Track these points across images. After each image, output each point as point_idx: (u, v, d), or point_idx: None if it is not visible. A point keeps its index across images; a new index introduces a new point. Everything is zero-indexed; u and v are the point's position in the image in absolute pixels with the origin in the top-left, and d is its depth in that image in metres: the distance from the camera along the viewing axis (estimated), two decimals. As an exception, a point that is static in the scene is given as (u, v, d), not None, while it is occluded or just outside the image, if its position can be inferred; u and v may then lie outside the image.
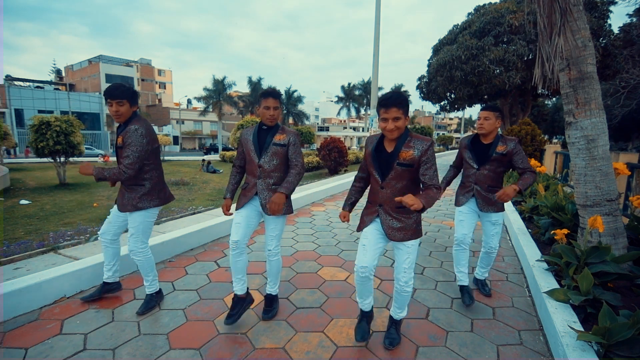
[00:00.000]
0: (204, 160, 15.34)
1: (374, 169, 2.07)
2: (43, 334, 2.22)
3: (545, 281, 2.73)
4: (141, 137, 2.39)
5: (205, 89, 39.63)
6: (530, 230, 4.32)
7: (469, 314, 2.61)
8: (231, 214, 2.57)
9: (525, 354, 2.15)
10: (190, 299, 2.74)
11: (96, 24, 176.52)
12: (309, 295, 2.85)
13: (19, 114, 33.19)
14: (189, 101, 55.14)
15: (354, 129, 70.35)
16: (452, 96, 18.74)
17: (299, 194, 6.48)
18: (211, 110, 40.83)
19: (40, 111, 29.95)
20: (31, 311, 2.46)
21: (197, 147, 51.86)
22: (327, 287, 3.02)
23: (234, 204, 2.58)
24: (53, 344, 2.13)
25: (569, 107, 3.04)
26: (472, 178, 2.83)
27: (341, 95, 50.83)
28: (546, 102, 32.15)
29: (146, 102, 51.33)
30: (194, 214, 5.09)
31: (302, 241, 4.28)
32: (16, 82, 41.78)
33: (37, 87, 41.28)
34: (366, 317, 2.28)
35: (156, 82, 56.29)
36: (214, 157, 24.02)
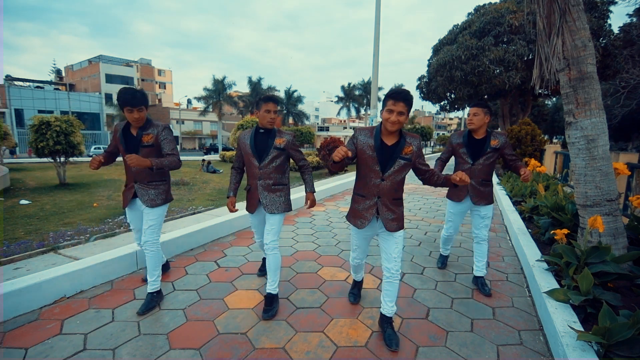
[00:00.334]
0: (204, 160, 15.35)
1: (374, 162, 2.12)
2: (43, 334, 2.22)
3: (545, 281, 2.74)
4: (172, 134, 2.69)
5: (205, 89, 39.61)
6: (530, 230, 4.32)
7: (469, 313, 2.61)
8: (237, 210, 2.81)
9: (525, 354, 2.15)
10: (190, 299, 2.74)
11: (96, 24, 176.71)
12: (309, 295, 2.85)
13: (19, 114, 33.22)
14: (189, 101, 55.17)
15: (354, 129, 70.25)
16: (452, 96, 18.71)
17: (299, 194, 6.47)
18: (211, 110, 40.82)
19: (40, 111, 29.96)
20: (31, 311, 2.46)
21: (197, 147, 51.88)
22: (327, 287, 3.02)
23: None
24: (53, 344, 2.13)
25: (569, 107, 3.04)
26: (466, 173, 2.86)
27: (341, 95, 50.78)
28: (546, 102, 32.13)
29: (146, 102, 51.22)
30: (194, 214, 5.09)
31: (302, 241, 4.28)
32: (16, 82, 41.79)
33: (37, 87, 41.32)
34: (357, 285, 2.79)
35: (156, 82, 56.28)
36: (214, 157, 24.04)
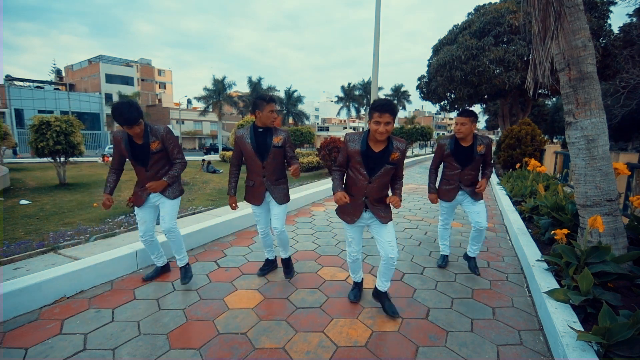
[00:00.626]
0: (203, 160, 15.34)
1: (361, 167, 2.35)
2: (43, 334, 2.22)
3: (545, 281, 2.74)
4: (173, 133, 2.85)
5: (205, 89, 39.61)
6: (530, 230, 4.32)
7: (469, 313, 2.61)
8: (237, 207, 3.04)
9: (525, 354, 2.15)
10: (190, 299, 2.74)
11: (96, 24, 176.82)
12: (309, 295, 2.85)
13: (19, 114, 33.22)
14: (189, 101, 55.07)
15: (354, 129, 70.31)
16: (452, 96, 18.71)
17: (299, 194, 6.48)
18: (211, 110, 40.81)
19: (40, 111, 29.97)
20: (31, 311, 2.46)
21: (197, 147, 51.85)
22: (327, 287, 3.02)
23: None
24: (53, 344, 2.13)
25: (569, 107, 3.04)
26: (456, 177, 3.21)
27: (341, 95, 50.76)
28: (546, 102, 32.14)
29: (146, 102, 51.25)
30: (194, 214, 5.09)
31: (302, 241, 4.28)
32: (16, 82, 41.77)
33: (37, 87, 41.32)
34: (358, 286, 2.83)
35: (156, 82, 56.28)
36: (214, 157, 24.03)
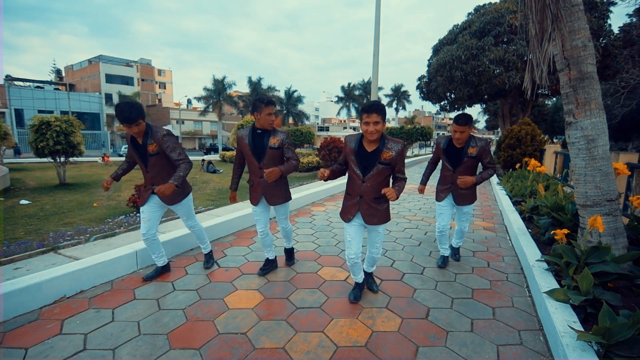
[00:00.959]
0: (203, 160, 15.33)
1: (355, 166, 2.41)
2: (43, 334, 2.22)
3: (545, 281, 2.74)
4: (173, 135, 2.89)
5: (205, 89, 39.63)
6: (530, 230, 4.32)
7: (469, 313, 2.61)
8: (237, 201, 3.30)
9: (525, 354, 2.15)
10: (190, 299, 2.74)
11: (96, 24, 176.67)
12: (309, 295, 2.85)
13: (19, 114, 33.20)
14: (189, 101, 55.06)
15: (354, 129, 70.31)
16: (452, 96, 18.72)
17: (299, 194, 6.48)
18: (211, 110, 40.82)
19: (40, 111, 29.97)
20: (31, 311, 2.46)
21: (197, 147, 51.82)
22: (327, 287, 3.02)
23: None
24: (53, 344, 2.13)
25: (569, 107, 3.04)
26: (449, 178, 3.32)
27: (341, 95, 50.82)
28: (546, 102, 32.14)
29: (146, 102, 51.21)
30: (194, 214, 5.09)
31: (302, 241, 4.28)
32: (16, 82, 41.75)
33: (37, 87, 41.28)
34: (359, 286, 2.83)
35: (156, 82, 56.27)
36: (214, 157, 24.01)
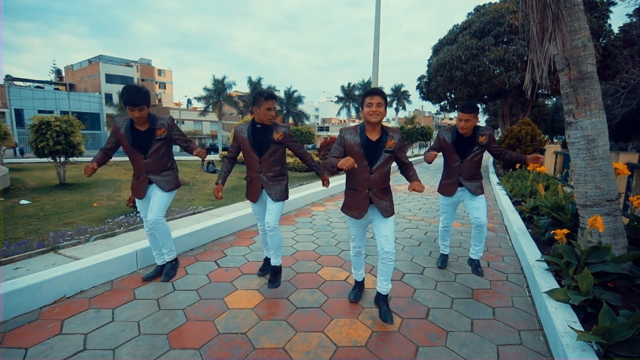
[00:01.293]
0: (203, 160, 15.32)
1: (362, 158, 2.29)
2: (43, 334, 2.22)
3: (545, 281, 2.74)
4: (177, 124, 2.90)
5: (205, 89, 39.58)
6: (530, 230, 4.32)
7: (469, 313, 2.61)
8: (222, 197, 2.94)
9: (525, 354, 2.15)
10: (190, 299, 2.74)
11: (96, 24, 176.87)
12: (309, 295, 2.85)
13: (19, 114, 33.17)
14: (189, 101, 55.08)
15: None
16: (452, 96, 18.72)
17: (299, 194, 6.48)
18: (211, 110, 40.78)
19: (40, 111, 29.94)
20: (31, 311, 2.46)
21: (197, 147, 51.79)
22: (327, 287, 3.02)
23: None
24: (53, 344, 2.13)
25: (569, 107, 3.04)
26: (456, 170, 3.14)
27: (341, 95, 50.80)
28: (546, 102, 32.15)
29: (146, 102, 51.17)
30: (194, 214, 5.09)
31: (302, 241, 4.28)
32: (16, 82, 41.72)
33: (37, 87, 41.26)
34: (359, 285, 2.81)
35: (156, 82, 56.24)
36: (214, 157, 23.98)
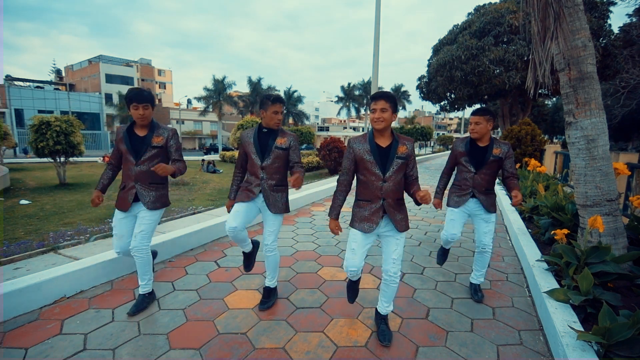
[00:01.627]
0: (203, 160, 15.33)
1: (374, 165, 2.12)
2: (43, 334, 2.22)
3: (545, 281, 2.74)
4: (179, 137, 2.67)
5: (205, 88, 39.60)
6: (530, 230, 4.32)
7: (469, 313, 2.61)
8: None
9: (525, 354, 2.15)
10: (190, 299, 2.73)
11: (96, 24, 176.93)
12: (309, 295, 2.85)
13: (19, 114, 33.16)
14: (189, 101, 55.07)
15: (354, 129, 70.38)
16: (452, 96, 18.74)
17: (299, 193, 6.48)
18: (211, 110, 40.79)
19: (40, 111, 29.92)
20: (31, 311, 2.46)
21: (197, 147, 51.84)
22: (327, 287, 3.02)
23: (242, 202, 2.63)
24: (53, 344, 2.12)
25: (569, 107, 3.04)
26: (469, 181, 2.81)
27: (341, 95, 50.75)
28: (546, 102, 32.15)
29: (146, 102, 51.13)
30: (194, 214, 5.09)
31: (302, 241, 4.28)
32: (16, 82, 41.71)
33: (37, 87, 41.24)
34: (354, 284, 2.58)
35: (156, 82, 56.24)
36: (214, 157, 24.01)
